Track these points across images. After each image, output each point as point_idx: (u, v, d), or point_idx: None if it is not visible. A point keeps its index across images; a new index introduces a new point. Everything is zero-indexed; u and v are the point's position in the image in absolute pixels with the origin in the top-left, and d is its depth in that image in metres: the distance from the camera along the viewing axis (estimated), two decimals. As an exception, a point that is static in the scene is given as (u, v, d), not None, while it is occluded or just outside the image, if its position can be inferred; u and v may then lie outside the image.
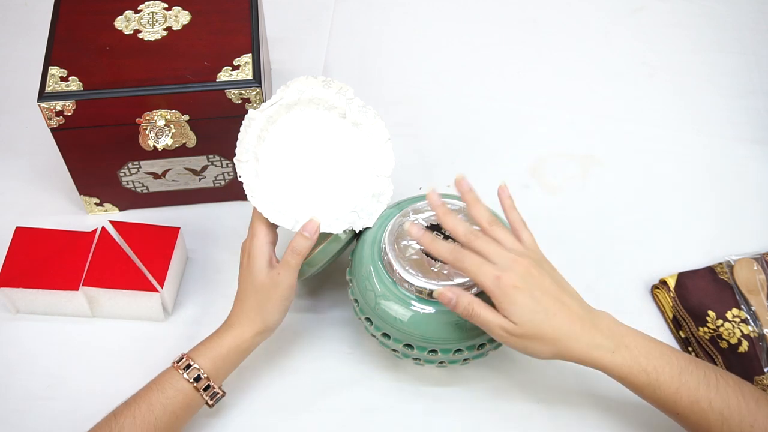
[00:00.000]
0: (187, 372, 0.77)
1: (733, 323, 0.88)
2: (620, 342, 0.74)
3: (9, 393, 0.87)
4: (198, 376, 0.77)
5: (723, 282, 0.91)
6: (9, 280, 0.88)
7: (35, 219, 0.97)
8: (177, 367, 0.77)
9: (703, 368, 0.74)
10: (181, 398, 0.76)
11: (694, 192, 1.03)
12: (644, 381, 0.73)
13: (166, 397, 0.76)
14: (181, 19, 0.92)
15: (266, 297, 0.79)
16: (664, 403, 0.74)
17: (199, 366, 0.77)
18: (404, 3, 1.23)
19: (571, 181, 1.04)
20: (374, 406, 0.86)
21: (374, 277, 0.80)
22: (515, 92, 1.13)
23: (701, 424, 0.73)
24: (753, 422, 0.72)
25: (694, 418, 0.73)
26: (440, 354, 0.79)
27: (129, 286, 0.87)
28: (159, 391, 0.76)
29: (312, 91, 0.84)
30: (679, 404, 0.73)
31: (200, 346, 0.79)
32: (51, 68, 0.88)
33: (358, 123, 0.85)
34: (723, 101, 1.12)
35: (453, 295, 0.74)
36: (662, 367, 0.73)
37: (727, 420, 0.72)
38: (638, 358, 0.74)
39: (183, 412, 0.77)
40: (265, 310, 0.79)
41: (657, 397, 0.74)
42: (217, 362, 0.78)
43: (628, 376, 0.74)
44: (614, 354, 0.74)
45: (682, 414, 0.74)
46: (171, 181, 0.97)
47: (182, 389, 0.77)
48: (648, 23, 1.20)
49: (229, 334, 0.79)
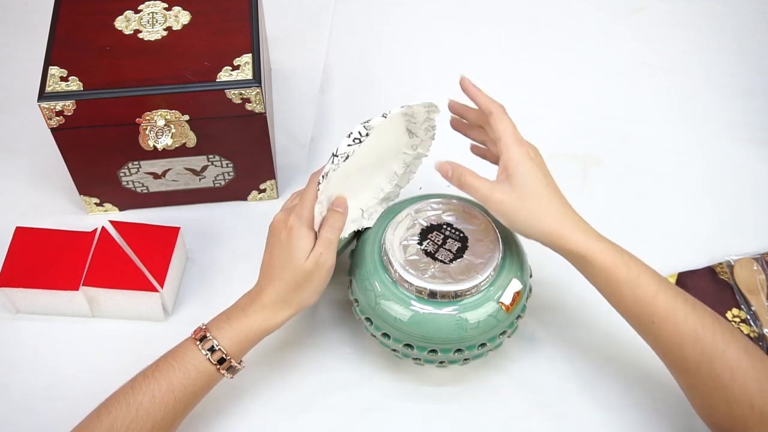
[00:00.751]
0: (212, 354, 0.75)
1: (733, 323, 0.88)
2: (604, 237, 0.76)
3: (9, 393, 0.87)
4: (222, 358, 0.76)
5: (723, 282, 0.91)
6: (9, 280, 0.88)
7: (35, 219, 0.97)
8: (199, 346, 0.76)
9: (678, 288, 0.74)
10: (203, 379, 0.76)
11: (694, 192, 1.03)
12: (626, 276, 0.73)
13: (187, 379, 0.75)
14: (181, 19, 0.92)
15: (307, 280, 0.76)
16: (641, 306, 0.73)
17: (224, 348, 0.76)
18: (404, 3, 1.23)
19: (571, 181, 1.04)
20: (374, 406, 0.86)
21: (374, 277, 0.80)
22: (515, 92, 1.13)
23: (674, 339, 0.72)
24: (725, 348, 0.70)
25: (668, 329, 0.72)
26: (440, 354, 0.79)
27: (129, 286, 0.87)
28: (180, 370, 0.75)
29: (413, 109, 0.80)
30: (656, 310, 0.72)
31: (225, 324, 0.77)
32: (51, 68, 0.88)
33: (413, 133, 0.84)
34: (722, 101, 1.12)
35: (449, 166, 0.78)
36: (644, 268, 0.74)
37: (701, 339, 0.70)
38: (622, 252, 0.74)
39: (203, 391, 0.77)
40: (305, 291, 0.77)
41: (635, 297, 0.73)
42: (243, 344, 0.77)
43: (611, 267, 0.73)
44: (600, 242, 0.75)
45: (657, 323, 0.72)
46: (171, 181, 0.97)
47: (205, 371, 0.75)
48: (648, 23, 1.20)
49: (259, 317, 0.77)
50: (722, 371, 0.70)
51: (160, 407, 0.73)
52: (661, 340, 0.73)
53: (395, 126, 0.82)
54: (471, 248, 0.80)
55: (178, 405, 0.75)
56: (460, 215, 0.83)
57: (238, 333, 0.77)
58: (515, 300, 0.80)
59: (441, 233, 0.81)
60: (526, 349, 0.90)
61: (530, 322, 0.91)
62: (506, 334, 0.81)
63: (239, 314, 0.78)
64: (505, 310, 0.79)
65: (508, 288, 0.79)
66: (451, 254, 0.80)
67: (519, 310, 0.81)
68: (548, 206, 0.76)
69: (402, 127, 0.83)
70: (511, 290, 0.79)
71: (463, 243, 0.81)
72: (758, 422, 0.69)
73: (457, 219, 0.82)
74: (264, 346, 0.86)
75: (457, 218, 0.82)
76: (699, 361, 0.71)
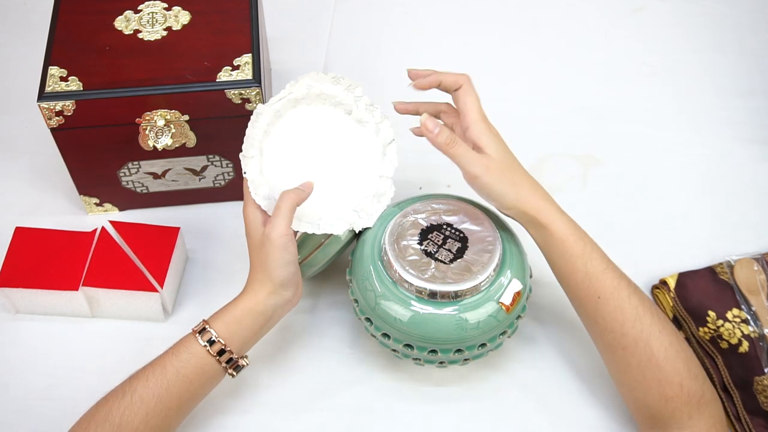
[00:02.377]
0: (201, 335, 0.76)
1: (733, 323, 0.88)
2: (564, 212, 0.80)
3: (9, 393, 0.87)
4: (212, 339, 0.76)
5: (723, 282, 0.91)
6: (9, 280, 0.88)
7: (35, 219, 0.97)
8: (194, 332, 0.77)
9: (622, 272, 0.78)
10: (194, 362, 0.76)
11: (694, 192, 1.03)
12: (581, 250, 0.77)
13: (179, 361, 0.76)
14: (181, 19, 0.92)
15: (264, 254, 0.78)
16: (591, 280, 0.76)
17: (214, 330, 0.77)
18: (404, 3, 1.23)
19: (572, 181, 1.04)
20: (374, 406, 0.86)
21: (374, 277, 0.80)
22: (515, 92, 1.13)
23: (616, 315, 0.75)
24: (661, 328, 0.75)
25: (612, 305, 0.75)
26: (440, 354, 0.79)
27: (129, 286, 0.87)
28: (173, 354, 0.76)
29: (321, 86, 0.83)
30: (603, 285, 0.76)
31: (217, 313, 0.79)
32: (51, 68, 0.88)
33: (363, 121, 0.85)
34: (722, 101, 1.12)
35: (435, 126, 0.78)
36: (594, 245, 0.78)
37: (641, 317, 0.75)
38: (578, 228, 0.79)
39: (196, 377, 0.76)
40: (269, 266, 0.78)
41: (586, 271, 0.77)
42: (231, 326, 0.77)
43: (569, 239, 0.77)
44: (562, 215, 0.79)
45: (602, 298, 0.76)
46: (171, 181, 0.97)
47: (196, 353, 0.76)
48: (648, 23, 1.20)
49: (242, 298, 0.79)
50: (657, 350, 0.74)
51: (153, 392, 0.74)
52: (604, 316, 0.77)
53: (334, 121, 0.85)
54: (471, 248, 0.80)
55: (172, 388, 0.75)
56: (460, 215, 0.83)
57: (225, 315, 0.78)
58: (515, 300, 0.80)
59: (441, 233, 0.81)
60: (526, 349, 0.90)
61: (530, 322, 0.91)
62: (506, 334, 0.81)
63: (229, 302, 0.80)
64: (505, 311, 0.79)
65: (508, 288, 0.79)
66: (451, 254, 0.80)
67: (519, 310, 0.81)
68: (521, 179, 0.80)
69: (342, 119, 0.85)
70: (511, 290, 0.79)
71: (463, 243, 0.81)
72: (686, 402, 0.73)
73: (457, 219, 0.82)
74: (264, 346, 0.86)
75: (457, 218, 0.82)
76: (637, 338, 0.75)
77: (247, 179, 0.80)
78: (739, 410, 0.84)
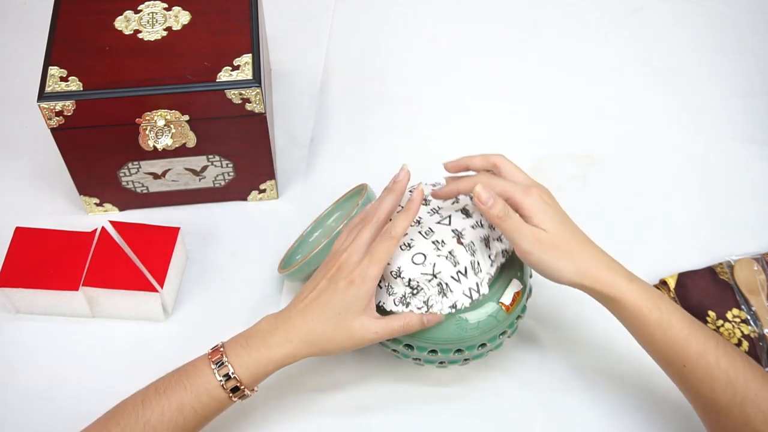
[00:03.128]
0: (226, 382, 0.72)
1: (733, 323, 0.88)
2: (635, 278, 0.74)
3: (9, 393, 0.86)
4: (236, 387, 0.73)
5: (723, 282, 0.91)
6: (9, 280, 0.88)
7: (35, 219, 0.97)
8: (216, 372, 0.72)
9: (710, 331, 0.73)
10: (214, 405, 0.73)
11: (695, 192, 1.03)
12: (657, 318, 0.72)
13: (199, 402, 0.72)
14: (181, 19, 0.92)
15: (347, 337, 0.74)
16: (673, 348, 0.72)
17: (239, 377, 0.73)
18: (404, 3, 1.23)
19: (571, 181, 1.04)
20: (374, 406, 0.86)
21: (374, 277, 0.80)
22: (515, 92, 1.13)
23: (705, 382, 0.71)
24: (758, 391, 0.69)
25: (700, 372, 0.71)
26: (440, 354, 0.79)
27: (129, 286, 0.87)
28: (193, 393, 0.72)
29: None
30: (687, 353, 0.71)
31: (243, 350, 0.73)
32: (51, 68, 0.88)
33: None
34: (723, 101, 1.12)
35: (489, 198, 0.73)
36: (674, 310, 0.72)
37: (732, 382, 0.70)
38: (653, 295, 0.73)
39: (213, 415, 0.75)
40: (337, 346, 0.74)
41: (667, 339, 0.72)
42: (259, 375, 0.74)
43: (642, 309, 0.72)
44: (631, 282, 0.73)
45: (688, 366, 0.71)
46: (171, 181, 0.97)
47: (217, 397, 0.73)
48: (648, 23, 1.20)
49: (281, 350, 0.74)
50: (754, 415, 0.69)
51: (167, 427, 0.72)
52: (693, 383, 0.72)
53: None
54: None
55: (187, 426, 0.73)
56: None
57: (256, 363, 0.73)
58: (515, 300, 0.80)
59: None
60: (526, 349, 0.90)
61: (530, 322, 0.91)
62: (506, 335, 0.81)
63: (259, 343, 0.74)
64: (505, 311, 0.79)
65: (508, 288, 0.79)
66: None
67: (519, 311, 0.81)
68: (580, 251, 0.74)
69: None
70: (511, 290, 0.79)
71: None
72: None
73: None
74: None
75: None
76: (731, 404, 0.70)
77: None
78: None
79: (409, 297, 0.76)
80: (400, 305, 0.76)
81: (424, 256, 0.76)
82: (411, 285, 0.76)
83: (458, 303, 0.76)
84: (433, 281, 0.76)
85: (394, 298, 0.76)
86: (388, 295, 0.77)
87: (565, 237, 0.74)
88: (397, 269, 0.76)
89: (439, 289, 0.76)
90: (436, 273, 0.76)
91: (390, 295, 0.77)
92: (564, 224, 0.75)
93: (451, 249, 0.77)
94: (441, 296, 0.76)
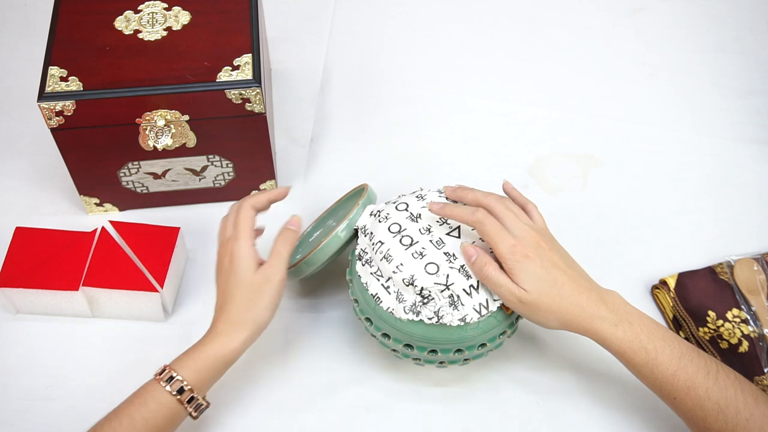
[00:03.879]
0: (170, 384, 0.74)
1: (733, 323, 0.88)
2: (624, 318, 0.76)
3: (9, 393, 0.87)
4: (181, 388, 0.74)
5: (723, 282, 0.91)
6: (9, 280, 0.88)
7: (35, 219, 0.97)
8: (159, 380, 0.74)
9: (705, 359, 0.75)
10: (164, 412, 0.74)
11: (694, 192, 1.03)
12: (643, 359, 0.75)
13: (148, 411, 0.73)
14: (181, 19, 0.92)
15: (258, 294, 0.77)
16: (661, 384, 0.75)
17: (182, 377, 0.74)
18: (404, 3, 1.23)
19: (571, 181, 1.04)
20: (374, 406, 0.86)
21: (374, 277, 0.80)
22: (515, 92, 1.13)
23: (696, 412, 0.74)
24: (749, 417, 0.72)
25: (690, 404, 0.74)
26: (440, 354, 0.79)
27: (129, 286, 0.87)
28: (141, 405, 0.73)
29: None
30: (676, 388, 0.74)
31: (184, 357, 0.76)
32: (51, 68, 0.88)
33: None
34: (723, 101, 1.12)
35: (474, 252, 0.76)
36: (662, 348, 0.75)
37: (723, 411, 0.72)
38: (640, 335, 0.75)
39: (166, 425, 0.74)
40: (257, 309, 0.77)
41: (654, 377, 0.75)
42: (202, 374, 0.75)
43: (627, 352, 0.75)
44: (616, 327, 0.75)
45: (678, 399, 0.74)
46: (171, 181, 0.97)
47: (165, 402, 0.74)
48: (648, 23, 1.20)
49: (215, 344, 0.76)
50: None
51: None
52: (684, 413, 0.75)
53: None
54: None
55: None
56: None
57: (195, 362, 0.75)
58: (515, 300, 0.80)
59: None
60: (526, 349, 0.90)
61: (530, 323, 0.91)
62: (506, 335, 0.81)
63: (198, 345, 0.77)
64: (506, 311, 0.79)
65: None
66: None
67: (519, 310, 0.81)
68: (562, 305, 0.75)
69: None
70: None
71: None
72: None
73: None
74: (264, 346, 0.86)
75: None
76: (723, 430, 0.73)
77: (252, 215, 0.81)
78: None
79: (419, 306, 0.77)
80: (411, 313, 0.77)
81: (437, 267, 0.77)
82: (423, 294, 0.76)
83: (467, 317, 0.76)
84: (445, 292, 0.76)
85: (404, 305, 0.77)
86: (398, 303, 0.77)
87: (546, 294, 0.74)
88: (409, 276, 0.76)
89: (450, 300, 0.76)
90: (449, 284, 0.76)
91: (400, 303, 0.77)
92: (546, 282, 0.75)
93: (463, 263, 0.77)
94: (452, 308, 0.76)
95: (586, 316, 0.75)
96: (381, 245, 0.78)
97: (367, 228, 0.81)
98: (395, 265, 0.77)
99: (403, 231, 0.79)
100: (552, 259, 0.76)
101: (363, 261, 0.80)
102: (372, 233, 0.80)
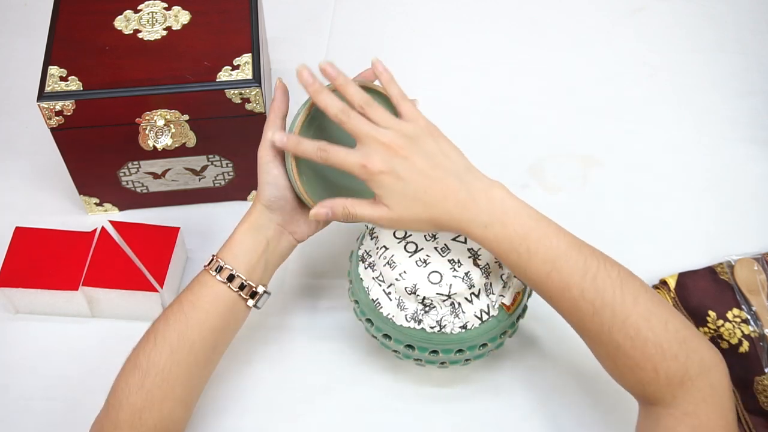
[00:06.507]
0: (210, 265, 0.77)
1: (733, 323, 0.88)
2: (497, 218, 0.72)
3: (9, 393, 0.86)
4: (219, 266, 0.77)
5: (723, 282, 0.91)
6: (9, 280, 0.88)
7: (35, 219, 0.97)
8: (204, 267, 0.78)
9: (586, 256, 0.72)
10: (207, 291, 0.76)
11: (695, 192, 1.03)
12: (515, 260, 0.72)
13: (193, 294, 0.76)
14: (180, 19, 0.92)
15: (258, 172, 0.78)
16: (535, 284, 0.73)
17: (221, 258, 0.77)
18: (404, 3, 1.23)
19: (571, 181, 1.04)
20: (375, 406, 0.86)
21: (374, 278, 0.80)
22: (515, 92, 1.13)
23: (573, 312, 0.72)
24: (625, 318, 0.70)
25: (565, 305, 0.72)
26: (441, 354, 0.79)
27: (129, 286, 0.87)
28: (188, 290, 0.77)
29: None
30: (550, 288, 0.72)
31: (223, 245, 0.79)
32: (51, 68, 0.88)
33: None
34: (723, 101, 1.12)
35: (326, 209, 0.74)
36: (536, 249, 0.71)
37: (599, 311, 0.70)
38: (512, 236, 0.71)
39: (212, 307, 0.76)
40: (259, 185, 0.78)
41: (527, 277, 0.73)
42: (234, 248, 0.78)
43: (498, 252, 0.72)
44: (486, 229, 0.72)
45: (554, 299, 0.73)
46: (171, 181, 0.97)
47: (206, 282, 0.77)
48: (648, 23, 1.20)
49: (241, 221, 0.79)
50: (623, 340, 0.70)
51: (173, 328, 0.75)
52: (562, 312, 0.74)
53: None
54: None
55: (191, 323, 0.75)
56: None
57: (229, 241, 0.78)
58: (516, 300, 0.80)
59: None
60: (526, 349, 0.90)
61: (530, 323, 0.91)
62: (507, 335, 0.81)
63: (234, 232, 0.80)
64: (506, 311, 0.79)
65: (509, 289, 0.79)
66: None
67: (520, 311, 0.81)
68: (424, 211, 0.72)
69: None
70: (511, 291, 0.79)
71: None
72: (665, 385, 0.70)
73: None
74: (264, 346, 0.86)
75: None
76: (599, 332, 0.71)
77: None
78: (739, 410, 0.84)
79: (421, 314, 0.77)
80: (412, 321, 0.77)
81: (441, 276, 0.76)
82: (424, 303, 0.76)
83: (469, 324, 0.76)
84: (447, 301, 0.76)
85: (405, 314, 0.77)
86: (399, 310, 0.77)
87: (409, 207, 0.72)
88: (412, 285, 0.76)
89: (452, 309, 0.76)
90: (451, 294, 0.76)
91: (402, 310, 0.77)
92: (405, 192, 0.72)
93: (467, 271, 0.77)
94: (453, 316, 0.76)
95: (454, 221, 0.72)
96: (385, 250, 0.78)
97: (375, 230, 0.81)
98: (398, 273, 0.77)
99: (409, 237, 0.79)
100: (411, 166, 0.71)
101: (366, 264, 0.80)
102: (378, 237, 0.80)
